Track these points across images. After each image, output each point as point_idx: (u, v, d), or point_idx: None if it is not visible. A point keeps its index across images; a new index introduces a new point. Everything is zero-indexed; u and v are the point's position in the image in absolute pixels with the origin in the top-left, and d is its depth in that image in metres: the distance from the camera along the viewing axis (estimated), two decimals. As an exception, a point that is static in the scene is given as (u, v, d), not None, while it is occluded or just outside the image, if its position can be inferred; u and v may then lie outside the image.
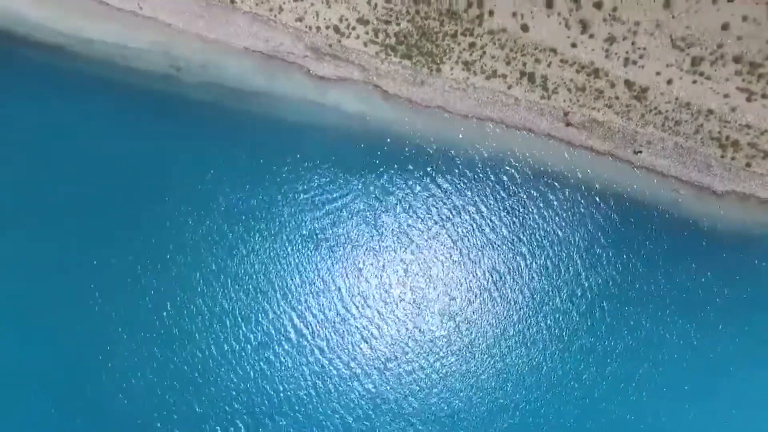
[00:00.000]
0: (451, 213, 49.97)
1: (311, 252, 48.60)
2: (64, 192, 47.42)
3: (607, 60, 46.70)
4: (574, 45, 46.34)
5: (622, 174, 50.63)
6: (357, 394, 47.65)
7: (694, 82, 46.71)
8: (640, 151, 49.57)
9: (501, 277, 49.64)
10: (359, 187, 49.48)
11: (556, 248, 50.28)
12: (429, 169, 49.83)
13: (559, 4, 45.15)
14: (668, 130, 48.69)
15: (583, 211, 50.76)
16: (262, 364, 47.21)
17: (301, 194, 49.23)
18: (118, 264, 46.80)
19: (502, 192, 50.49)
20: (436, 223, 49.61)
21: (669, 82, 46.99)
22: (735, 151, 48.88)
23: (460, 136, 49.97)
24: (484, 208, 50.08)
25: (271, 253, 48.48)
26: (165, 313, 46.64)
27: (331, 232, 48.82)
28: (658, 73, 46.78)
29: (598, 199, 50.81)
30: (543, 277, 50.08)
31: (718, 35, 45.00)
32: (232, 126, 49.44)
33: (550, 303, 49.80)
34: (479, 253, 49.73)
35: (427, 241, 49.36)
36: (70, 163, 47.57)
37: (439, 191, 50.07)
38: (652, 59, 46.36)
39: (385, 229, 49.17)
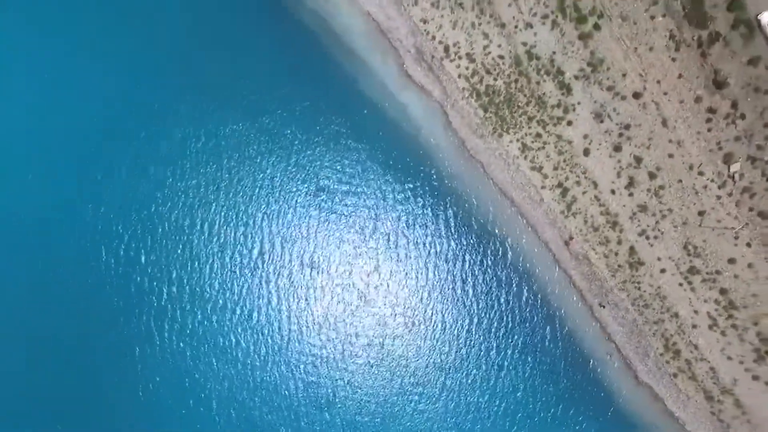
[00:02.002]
0: (429, 243, 54.11)
1: (302, 193, 52.58)
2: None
3: (629, 221, 50.77)
4: (613, 192, 50.34)
5: (578, 312, 54.99)
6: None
7: (680, 284, 51.02)
8: (604, 306, 53.80)
9: (430, 316, 54.29)
10: (373, 171, 53.37)
11: (492, 328, 54.84)
12: (436, 200, 53.82)
13: (625, 153, 49.08)
14: (636, 307, 52.96)
15: (532, 314, 55.11)
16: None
17: (324, 147, 52.85)
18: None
19: (477, 256, 54.59)
20: (409, 240, 53.81)
21: (662, 270, 51.22)
22: (673, 358, 53.31)
23: (479, 194, 53.81)
24: (453, 255, 54.25)
25: (268, 177, 52.39)
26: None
27: (327, 188, 52.73)
28: (659, 259, 51.01)
29: (547, 314, 55.21)
30: (466, 343, 54.68)
31: (722, 263, 49.33)
32: (312, 59, 52.58)
33: (461, 367, 54.67)
34: (425, 284, 54.34)
35: (395, 246, 53.66)
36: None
37: (431, 220, 54.08)
38: (661, 245, 50.56)
39: (367, 216, 53.37)
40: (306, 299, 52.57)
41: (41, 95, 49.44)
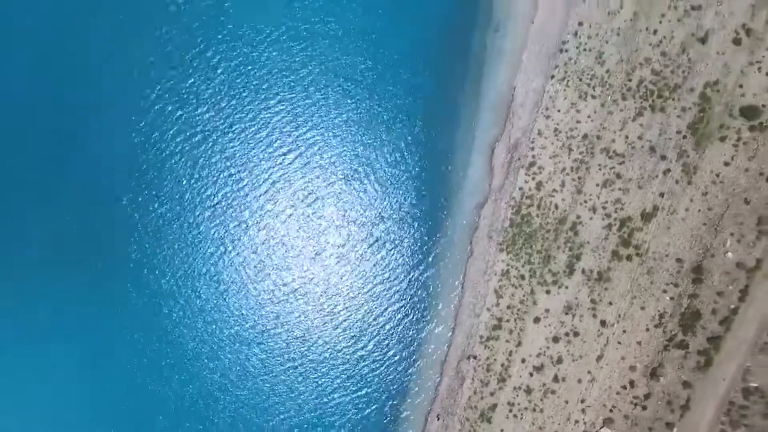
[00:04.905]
0: (385, 264, 59.90)
1: (343, 152, 58.39)
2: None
3: (512, 390, 56.56)
4: (523, 361, 56.04)
5: (420, 407, 61.22)
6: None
7: (496, 460, 57.20)
8: (439, 420, 59.77)
9: (338, 311, 60.43)
10: (404, 181, 59.03)
11: (355, 366, 60.88)
12: (421, 240, 59.47)
13: (557, 348, 54.76)
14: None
15: (387, 380, 60.84)
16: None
17: (385, 132, 58.54)
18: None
19: (401, 302, 60.46)
20: (374, 248, 59.62)
21: (495, 439, 57.37)
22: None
23: (448, 267, 59.67)
24: (390, 286, 60.41)
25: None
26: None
27: (366, 161, 58.72)
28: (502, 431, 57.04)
29: (399, 388, 60.96)
30: (329, 359, 60.77)
31: (533, 476, 55.55)
32: (446, 74, 57.99)
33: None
34: (357, 287, 60.35)
35: (364, 244, 59.46)
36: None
37: (404, 250, 59.76)
38: (512, 425, 56.53)
39: (366, 206, 59.25)
40: (273, 223, 58.92)
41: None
